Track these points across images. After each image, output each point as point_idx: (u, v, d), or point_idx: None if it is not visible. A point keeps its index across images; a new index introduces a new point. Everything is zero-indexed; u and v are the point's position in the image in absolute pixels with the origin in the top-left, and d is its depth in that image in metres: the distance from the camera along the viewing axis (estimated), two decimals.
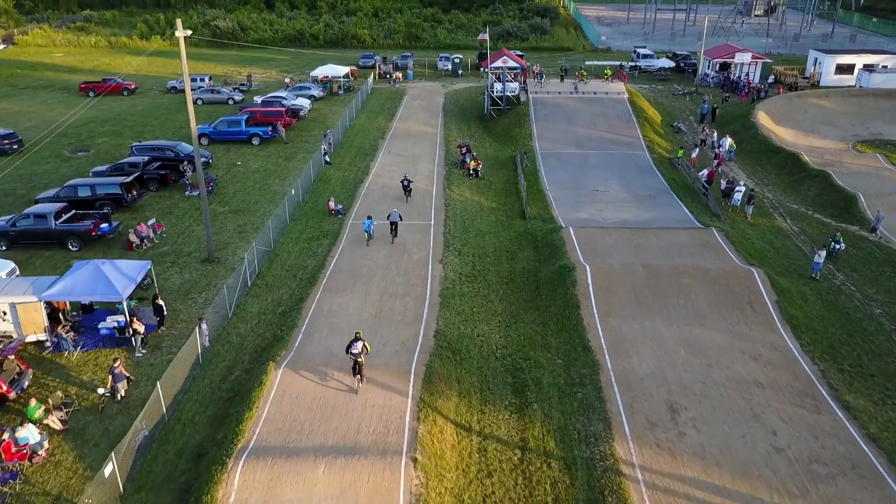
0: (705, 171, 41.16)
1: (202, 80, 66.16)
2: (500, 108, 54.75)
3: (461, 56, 74.73)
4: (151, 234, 33.62)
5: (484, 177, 43.02)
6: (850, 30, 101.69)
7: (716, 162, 44.49)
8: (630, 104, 54.09)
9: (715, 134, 49.37)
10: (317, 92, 62.85)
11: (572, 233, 33.08)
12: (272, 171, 44.22)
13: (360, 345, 21.45)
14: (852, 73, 68.28)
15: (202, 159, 44.57)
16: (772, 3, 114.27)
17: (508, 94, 54.57)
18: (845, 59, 68.28)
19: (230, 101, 61.83)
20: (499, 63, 53.21)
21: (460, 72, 72.96)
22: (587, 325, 25.80)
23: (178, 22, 28.55)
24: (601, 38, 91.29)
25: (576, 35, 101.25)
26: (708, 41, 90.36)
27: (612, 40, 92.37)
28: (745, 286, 27.64)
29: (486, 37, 53.56)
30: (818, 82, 68.59)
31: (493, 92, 54.46)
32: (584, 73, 63.00)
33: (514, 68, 54.40)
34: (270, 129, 49.80)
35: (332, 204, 37.16)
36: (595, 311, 26.50)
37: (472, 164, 42.96)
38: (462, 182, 42.22)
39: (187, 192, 39.99)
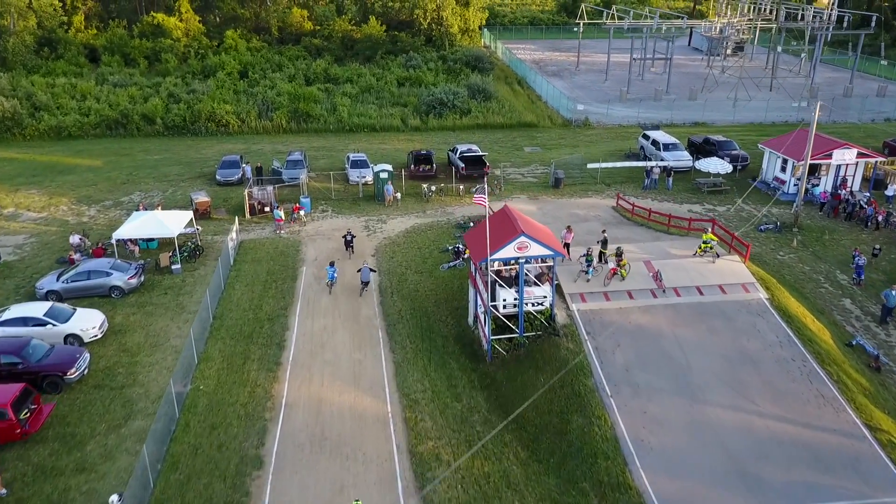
0: None
1: None
2: (519, 341, 25.45)
3: (390, 168, 44.42)
4: None
5: None
6: (865, 78, 79.89)
7: None
8: (779, 314, 26.14)
9: None
10: (122, 280, 31.33)
11: None
12: None
13: None
14: None
15: None
16: (740, 41, 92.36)
17: (532, 307, 25.45)
18: None
19: None
20: (510, 250, 23.97)
21: (398, 195, 43.01)
22: None
23: None
24: (577, 106, 63.63)
25: (527, 97, 73.65)
26: (703, 105, 61.14)
27: (587, 107, 65.00)
28: None
29: (485, 200, 23.95)
30: None
31: (496, 306, 25.19)
32: (624, 263, 29.31)
33: (545, 257, 25.09)
34: None
35: None
36: None
37: None
38: None
39: None
